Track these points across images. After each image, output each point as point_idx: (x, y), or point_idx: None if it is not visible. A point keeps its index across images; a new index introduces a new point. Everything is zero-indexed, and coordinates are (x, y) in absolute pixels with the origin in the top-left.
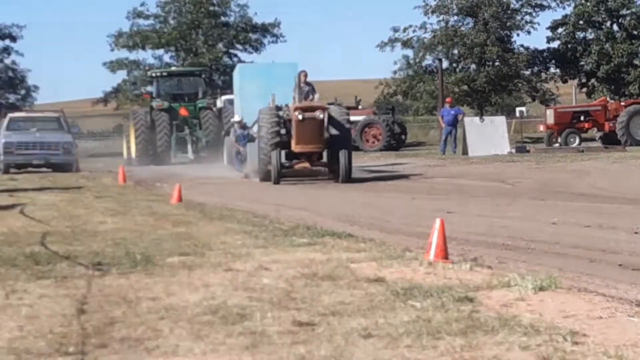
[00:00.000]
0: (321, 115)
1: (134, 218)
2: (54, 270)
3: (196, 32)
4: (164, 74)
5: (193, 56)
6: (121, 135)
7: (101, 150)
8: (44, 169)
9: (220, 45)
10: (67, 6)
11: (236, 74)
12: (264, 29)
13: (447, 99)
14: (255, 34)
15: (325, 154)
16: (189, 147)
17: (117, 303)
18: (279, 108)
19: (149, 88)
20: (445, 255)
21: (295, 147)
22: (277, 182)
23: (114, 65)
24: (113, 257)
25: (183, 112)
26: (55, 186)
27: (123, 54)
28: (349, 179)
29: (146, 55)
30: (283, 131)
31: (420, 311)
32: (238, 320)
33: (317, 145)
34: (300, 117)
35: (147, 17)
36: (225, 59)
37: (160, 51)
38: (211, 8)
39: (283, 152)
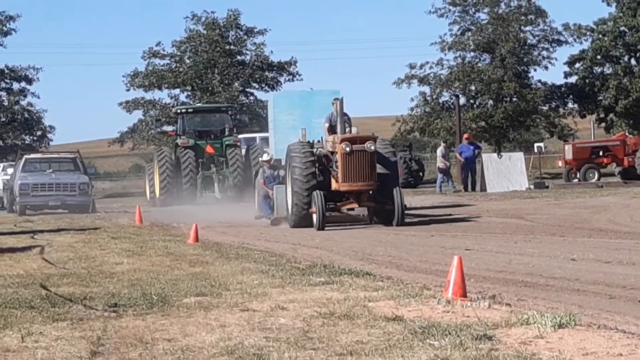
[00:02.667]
0: (372, 147)
1: (150, 258)
2: (69, 312)
3: (212, 71)
4: (189, 110)
5: (209, 95)
6: (138, 175)
7: (118, 190)
8: (60, 210)
9: (236, 84)
10: (83, 47)
11: (270, 104)
12: (280, 67)
13: (465, 135)
14: (272, 73)
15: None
16: (216, 186)
17: (133, 345)
18: (310, 144)
19: (166, 127)
20: (463, 292)
21: (341, 186)
22: (321, 227)
23: (129, 105)
24: (129, 298)
25: (209, 149)
26: (72, 227)
27: (139, 93)
28: (403, 221)
29: (162, 95)
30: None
31: (439, 350)
32: None
33: (368, 183)
34: (347, 149)
35: (162, 57)
36: (242, 97)
37: (177, 91)
38: (227, 47)
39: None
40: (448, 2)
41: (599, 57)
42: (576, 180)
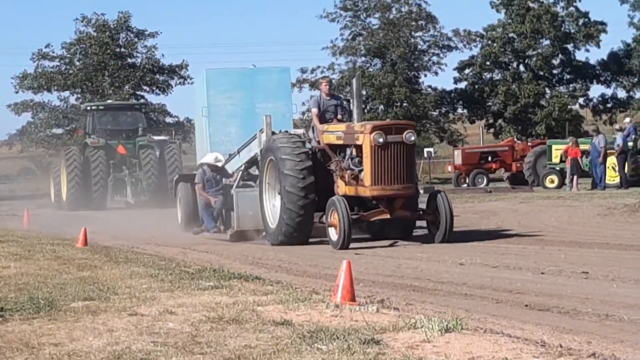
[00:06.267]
0: (412, 138)
1: (38, 262)
2: None
3: (102, 74)
4: (100, 107)
5: (99, 98)
6: (27, 178)
7: (5, 193)
8: None
9: (127, 86)
10: None
11: (202, 85)
12: (171, 71)
13: None
14: (163, 76)
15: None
16: (128, 189)
17: (19, 349)
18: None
19: (55, 130)
20: (352, 297)
21: (371, 190)
22: (345, 245)
23: (18, 108)
24: (16, 302)
25: (121, 150)
26: None
27: (28, 95)
28: (451, 235)
29: (52, 97)
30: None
31: (327, 354)
32: None
33: (407, 185)
34: (380, 140)
35: (52, 59)
36: (133, 100)
37: (66, 93)
38: (117, 49)
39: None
40: (339, 7)
41: (488, 63)
42: (465, 185)
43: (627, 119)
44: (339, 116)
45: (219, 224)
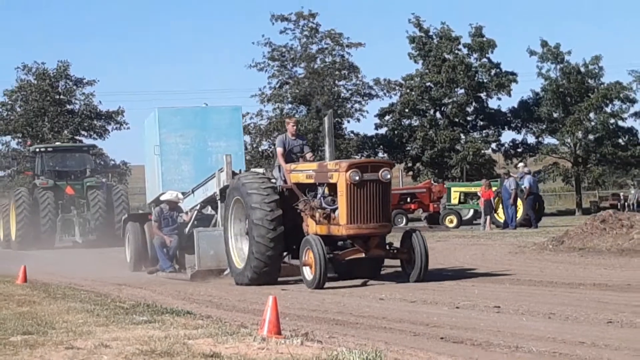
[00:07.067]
0: (388, 176)
1: None
2: None
3: (42, 119)
4: (49, 149)
5: (39, 142)
6: None
7: None
8: None
9: (65, 131)
10: None
11: (154, 124)
12: (108, 116)
13: None
14: (100, 121)
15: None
16: (76, 229)
17: None
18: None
19: None
20: (278, 330)
21: (347, 229)
22: (321, 285)
23: None
24: None
25: (69, 191)
26: None
27: None
28: (426, 274)
29: None
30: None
31: None
32: None
33: (383, 224)
34: (357, 178)
35: None
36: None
37: (8, 137)
38: (57, 97)
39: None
40: (267, 57)
41: (407, 110)
42: None
43: (521, 164)
44: (309, 155)
45: (174, 264)
